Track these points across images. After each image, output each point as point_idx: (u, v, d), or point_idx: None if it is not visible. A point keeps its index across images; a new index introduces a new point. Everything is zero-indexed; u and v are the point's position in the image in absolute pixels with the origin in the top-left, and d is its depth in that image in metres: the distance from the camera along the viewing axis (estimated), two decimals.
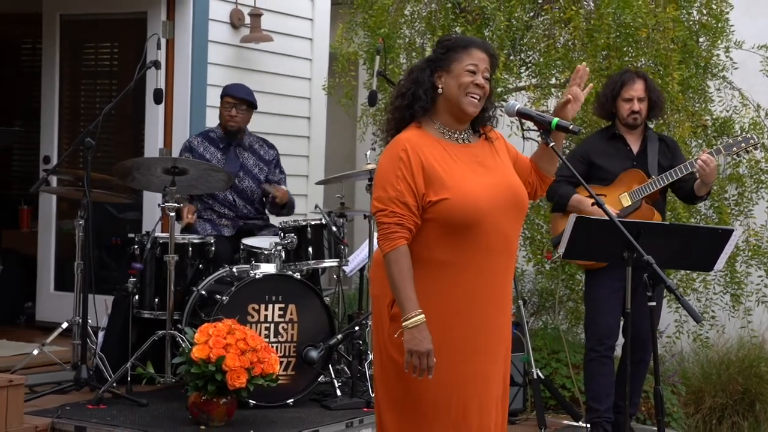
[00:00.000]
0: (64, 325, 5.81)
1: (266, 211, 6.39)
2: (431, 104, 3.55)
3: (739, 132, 6.77)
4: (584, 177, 5.36)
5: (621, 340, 5.55)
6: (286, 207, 6.27)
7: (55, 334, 5.82)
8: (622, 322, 5.54)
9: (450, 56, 3.54)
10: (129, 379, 5.43)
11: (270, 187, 6.23)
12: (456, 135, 3.58)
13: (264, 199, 6.32)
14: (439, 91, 3.54)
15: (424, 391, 3.46)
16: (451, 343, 3.45)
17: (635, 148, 5.49)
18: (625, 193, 5.40)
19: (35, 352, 5.78)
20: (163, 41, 6.72)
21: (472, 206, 3.43)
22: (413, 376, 3.38)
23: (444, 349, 3.42)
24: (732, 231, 4.71)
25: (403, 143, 3.48)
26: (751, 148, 5.58)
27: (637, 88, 5.39)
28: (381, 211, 3.44)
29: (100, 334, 5.82)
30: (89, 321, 5.59)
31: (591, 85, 4.23)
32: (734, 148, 5.52)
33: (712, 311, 6.84)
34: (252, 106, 6.25)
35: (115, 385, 5.34)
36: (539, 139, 3.73)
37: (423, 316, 3.37)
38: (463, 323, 3.48)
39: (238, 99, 6.19)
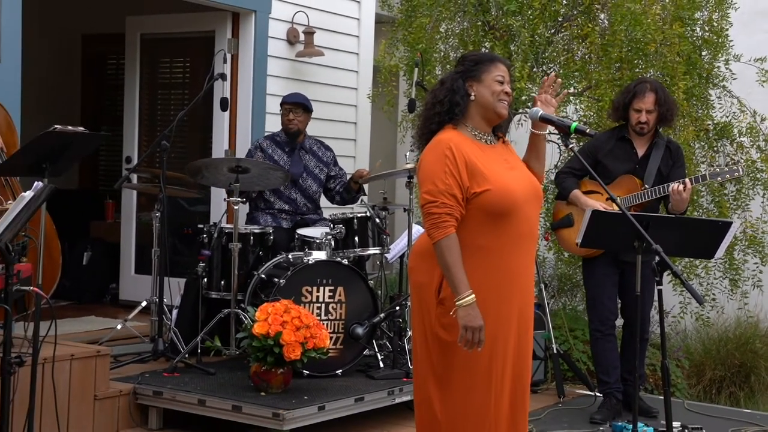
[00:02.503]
0: (144, 303, 5.85)
1: (337, 200, 6.35)
2: (466, 110, 3.55)
3: (737, 135, 6.71)
4: (588, 171, 5.28)
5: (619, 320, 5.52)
6: (362, 190, 6.25)
7: (136, 311, 5.86)
8: (619, 304, 5.49)
9: (480, 68, 3.55)
10: (199, 351, 5.44)
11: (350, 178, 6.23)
12: (485, 137, 3.58)
13: (338, 188, 6.29)
14: (472, 98, 3.54)
15: (468, 363, 3.43)
16: (491, 318, 3.41)
17: (641, 151, 5.36)
18: (618, 198, 5.29)
19: (119, 326, 5.83)
20: (228, 56, 6.74)
21: (510, 196, 3.43)
22: (465, 349, 3.35)
23: (486, 323, 3.39)
24: (731, 223, 4.65)
25: (447, 142, 3.46)
26: (734, 178, 5.43)
27: (647, 101, 5.23)
28: (431, 203, 3.41)
29: (174, 311, 5.84)
30: (165, 300, 5.62)
31: (566, 91, 4.17)
32: (719, 178, 5.33)
33: (713, 294, 6.78)
34: (306, 109, 6.21)
35: (187, 356, 5.37)
36: (560, 141, 3.70)
37: (474, 295, 3.34)
38: (501, 300, 3.46)
39: (293, 104, 6.17)
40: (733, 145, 6.71)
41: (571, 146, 3.64)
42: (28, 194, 3.43)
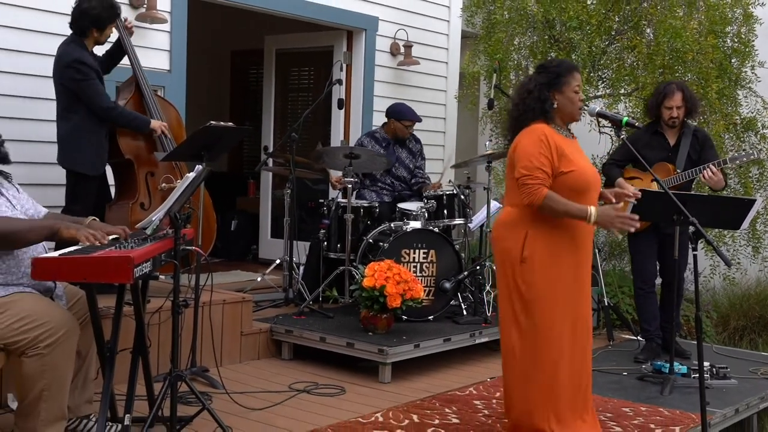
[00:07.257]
0: (278, 261, 5.94)
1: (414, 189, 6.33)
2: (551, 114, 3.48)
3: (760, 128, 6.46)
4: (629, 161, 5.18)
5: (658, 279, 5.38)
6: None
7: (272, 267, 5.96)
8: (658, 267, 5.35)
9: (561, 80, 3.45)
10: (320, 299, 5.52)
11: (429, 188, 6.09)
12: (564, 132, 3.51)
13: (415, 187, 6.24)
14: (555, 106, 3.46)
15: (544, 320, 3.40)
16: (566, 277, 3.38)
17: (672, 141, 5.18)
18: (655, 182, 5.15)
19: (259, 279, 5.94)
20: (344, 66, 6.77)
21: (588, 178, 3.41)
22: (630, 229, 3.33)
23: (561, 282, 3.36)
24: (754, 200, 4.47)
25: (542, 130, 3.42)
26: (750, 161, 5.27)
27: (676, 99, 5.07)
28: (527, 176, 3.36)
29: (301, 268, 5.92)
30: (294, 259, 5.69)
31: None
32: (737, 161, 5.12)
33: (738, 259, 6.58)
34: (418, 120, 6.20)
35: (311, 303, 5.44)
36: (613, 132, 3.61)
37: (595, 208, 3.32)
38: (574, 263, 3.42)
39: (416, 121, 6.14)
40: (757, 136, 6.48)
41: (622, 137, 3.56)
42: (191, 175, 3.50)
